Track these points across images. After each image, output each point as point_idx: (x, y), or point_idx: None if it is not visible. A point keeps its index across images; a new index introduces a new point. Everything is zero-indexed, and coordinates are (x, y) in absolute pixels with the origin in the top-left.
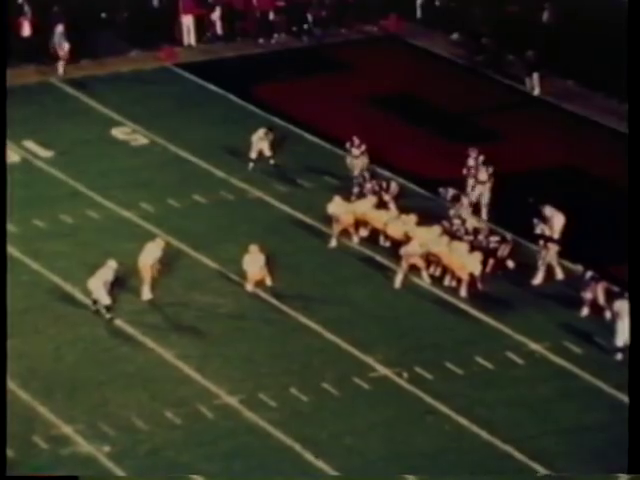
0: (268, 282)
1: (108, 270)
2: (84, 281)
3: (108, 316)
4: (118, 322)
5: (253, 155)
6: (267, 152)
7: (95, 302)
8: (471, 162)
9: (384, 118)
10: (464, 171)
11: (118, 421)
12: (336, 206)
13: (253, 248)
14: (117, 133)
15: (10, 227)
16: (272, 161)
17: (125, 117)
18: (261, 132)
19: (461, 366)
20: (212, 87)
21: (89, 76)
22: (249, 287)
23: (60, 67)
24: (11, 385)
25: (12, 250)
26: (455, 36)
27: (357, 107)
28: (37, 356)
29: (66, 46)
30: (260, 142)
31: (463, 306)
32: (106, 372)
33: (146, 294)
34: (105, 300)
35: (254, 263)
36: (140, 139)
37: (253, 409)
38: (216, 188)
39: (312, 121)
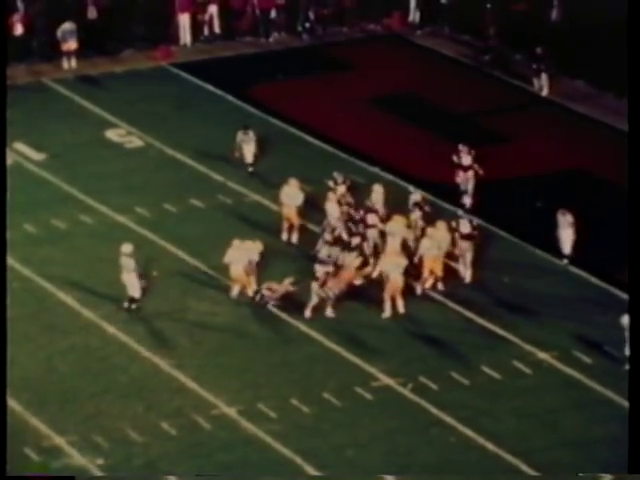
0: (252, 285)
1: (126, 259)
2: (77, 288)
3: (126, 305)
4: (112, 330)
5: (249, 159)
6: (250, 154)
7: (133, 300)
8: (467, 161)
9: (386, 119)
10: (460, 174)
11: (112, 432)
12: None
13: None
14: (111, 135)
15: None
16: (250, 168)
17: (120, 118)
18: (240, 134)
19: (467, 376)
20: (210, 87)
21: (83, 76)
22: (234, 292)
23: (65, 62)
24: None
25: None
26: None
27: (359, 108)
28: (28, 366)
29: (73, 44)
30: (246, 144)
31: (469, 314)
32: (100, 382)
33: (252, 293)
34: (133, 292)
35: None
36: (135, 141)
37: (252, 420)
38: (214, 192)
39: (312, 122)
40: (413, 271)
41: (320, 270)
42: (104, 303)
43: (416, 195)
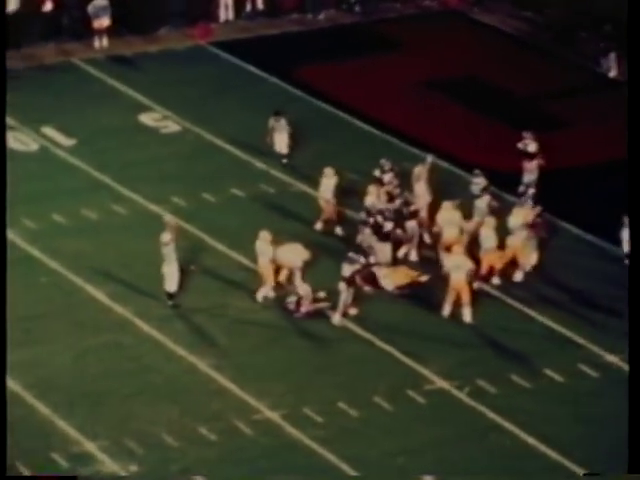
0: (297, 281)
1: (167, 249)
2: (108, 282)
3: (170, 303)
4: (146, 328)
5: (280, 149)
6: (284, 143)
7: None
8: (532, 148)
9: (442, 103)
10: (526, 163)
11: (146, 437)
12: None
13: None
14: (146, 119)
15: (27, 223)
16: (285, 160)
17: (155, 101)
18: (271, 121)
19: (528, 379)
20: (251, 68)
21: (116, 56)
22: (260, 295)
23: (96, 41)
24: (28, 397)
25: (29, 249)
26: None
27: (412, 91)
28: (56, 366)
29: (106, 21)
30: (278, 132)
31: (530, 312)
32: (133, 383)
33: (260, 295)
34: (169, 286)
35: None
36: (171, 126)
37: (296, 425)
38: (255, 180)
39: (362, 106)
40: (478, 272)
41: (347, 269)
42: (137, 298)
43: (481, 178)
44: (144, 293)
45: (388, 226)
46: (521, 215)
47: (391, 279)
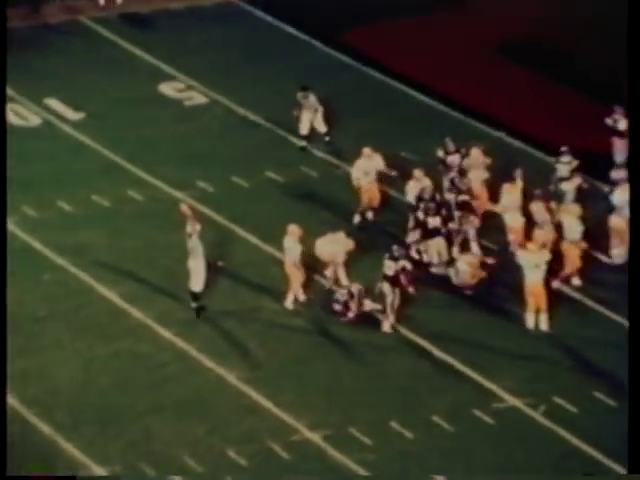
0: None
1: (189, 241)
2: (123, 281)
3: (194, 305)
4: (166, 334)
5: (303, 130)
6: (317, 123)
7: (195, 297)
8: (623, 125)
9: (514, 70)
10: (616, 142)
11: (166, 461)
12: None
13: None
14: (167, 89)
15: (28, 210)
16: (327, 137)
17: (177, 69)
18: (299, 96)
19: (614, 397)
20: (291, 30)
21: (131, 14)
22: (289, 301)
23: None
24: (27, 414)
25: (30, 241)
26: None
27: (478, 56)
28: (62, 377)
29: None
30: (305, 110)
31: (616, 317)
32: (151, 398)
33: (289, 301)
34: (194, 285)
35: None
36: (196, 97)
37: (341, 447)
38: (294, 162)
39: (420, 75)
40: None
41: (391, 267)
42: (157, 300)
43: (569, 157)
44: (164, 293)
45: (433, 222)
46: (627, 190)
47: (470, 272)
